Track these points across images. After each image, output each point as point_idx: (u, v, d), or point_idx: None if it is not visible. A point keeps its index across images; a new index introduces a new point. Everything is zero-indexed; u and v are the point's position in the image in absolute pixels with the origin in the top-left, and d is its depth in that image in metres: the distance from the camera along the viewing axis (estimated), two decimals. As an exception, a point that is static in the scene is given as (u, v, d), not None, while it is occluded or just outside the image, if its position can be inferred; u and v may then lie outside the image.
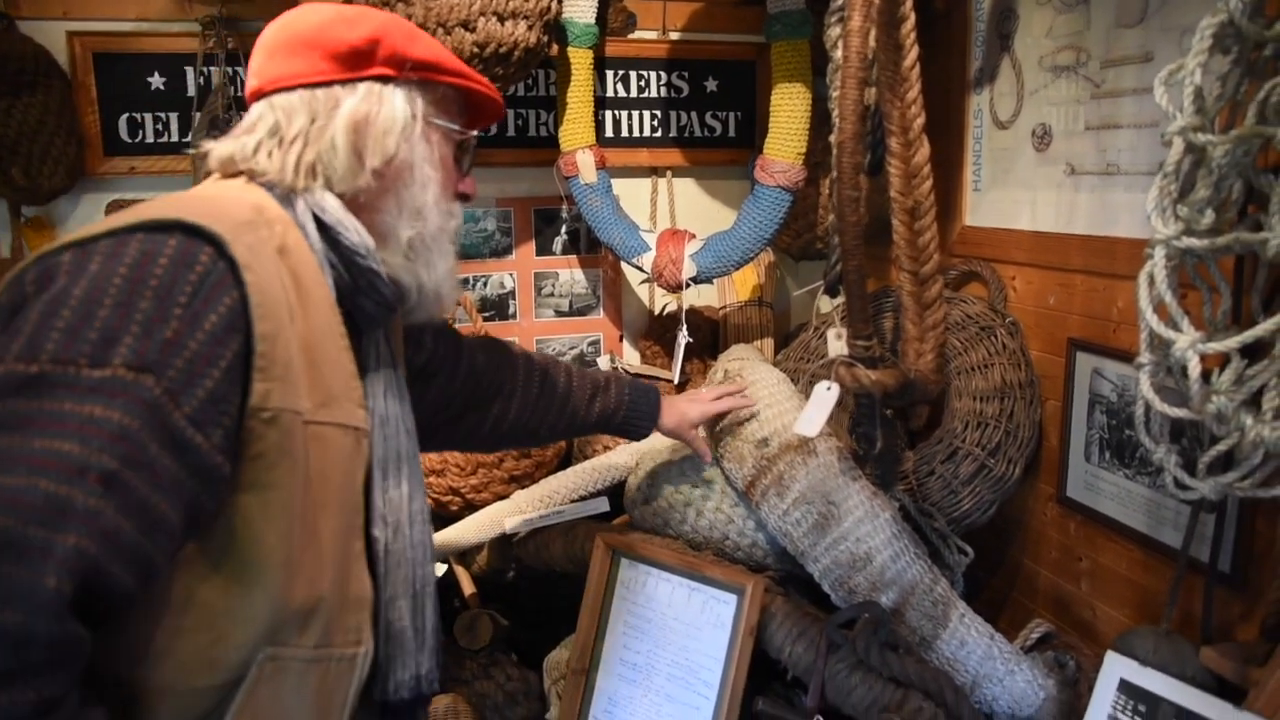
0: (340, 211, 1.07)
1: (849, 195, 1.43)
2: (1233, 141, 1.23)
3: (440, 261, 1.18)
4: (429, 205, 1.15)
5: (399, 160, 1.11)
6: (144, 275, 0.86)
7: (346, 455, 1.03)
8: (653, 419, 1.73)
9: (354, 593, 1.06)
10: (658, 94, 2.59)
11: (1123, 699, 1.49)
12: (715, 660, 1.69)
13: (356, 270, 1.08)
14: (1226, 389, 1.26)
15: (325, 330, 1.02)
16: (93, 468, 0.78)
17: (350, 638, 1.05)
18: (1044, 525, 2.01)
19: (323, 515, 0.99)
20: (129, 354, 0.83)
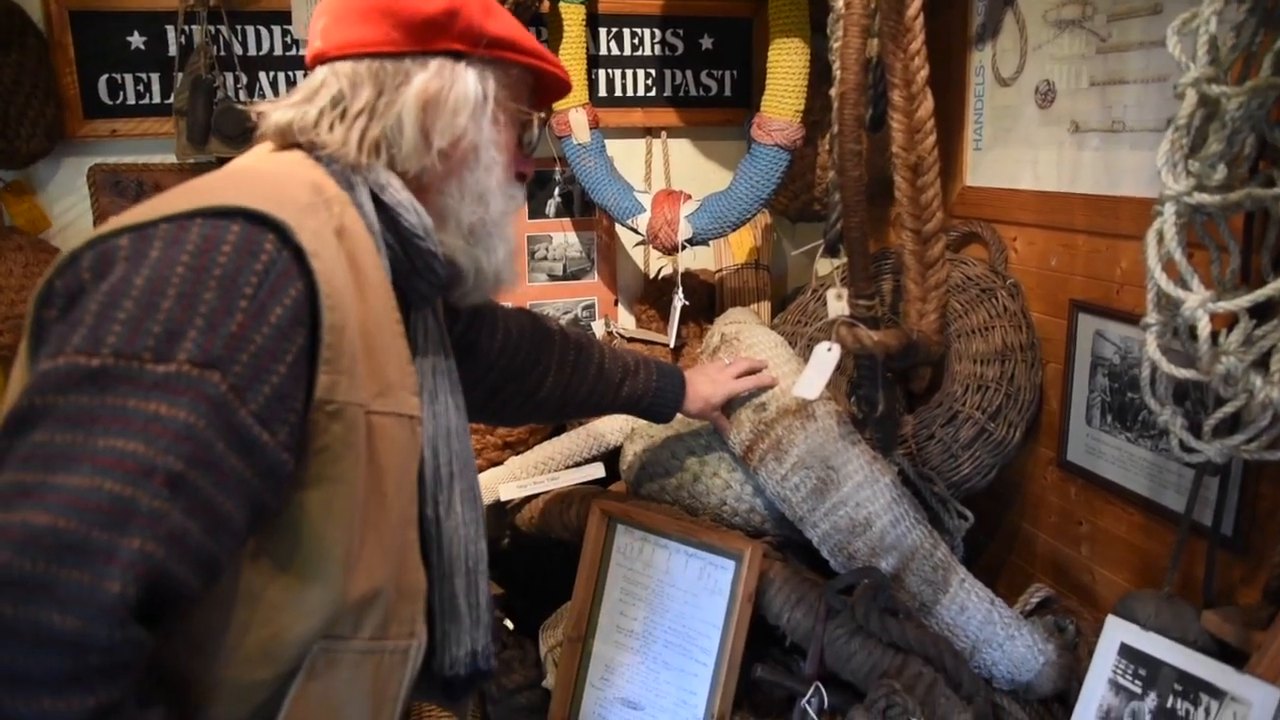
0: (401, 191, 1.04)
1: (851, 149, 1.39)
2: (1248, 93, 1.19)
3: (501, 245, 1.15)
4: (492, 189, 1.11)
5: (466, 142, 1.08)
6: (207, 264, 0.83)
7: (403, 445, 1.01)
8: (678, 404, 1.71)
9: (409, 583, 1.05)
10: (652, 52, 2.53)
11: (1123, 663, 1.48)
12: (713, 627, 1.67)
13: (414, 251, 1.05)
14: (1235, 349, 1.23)
15: (382, 316, 0.99)
16: (159, 468, 0.76)
17: (405, 629, 1.04)
18: (1044, 489, 2.00)
19: (382, 507, 0.97)
20: (194, 349, 0.80)
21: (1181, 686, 1.41)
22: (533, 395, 1.54)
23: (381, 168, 1.03)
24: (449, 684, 1.17)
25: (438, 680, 1.16)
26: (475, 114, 1.07)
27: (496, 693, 1.91)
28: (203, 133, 2.20)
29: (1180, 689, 1.41)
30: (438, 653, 1.14)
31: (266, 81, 2.31)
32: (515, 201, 1.17)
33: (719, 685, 1.63)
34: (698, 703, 1.66)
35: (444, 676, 1.15)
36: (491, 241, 1.13)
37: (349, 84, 1.04)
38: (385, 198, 1.02)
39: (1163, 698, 1.42)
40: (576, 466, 2.07)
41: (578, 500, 1.91)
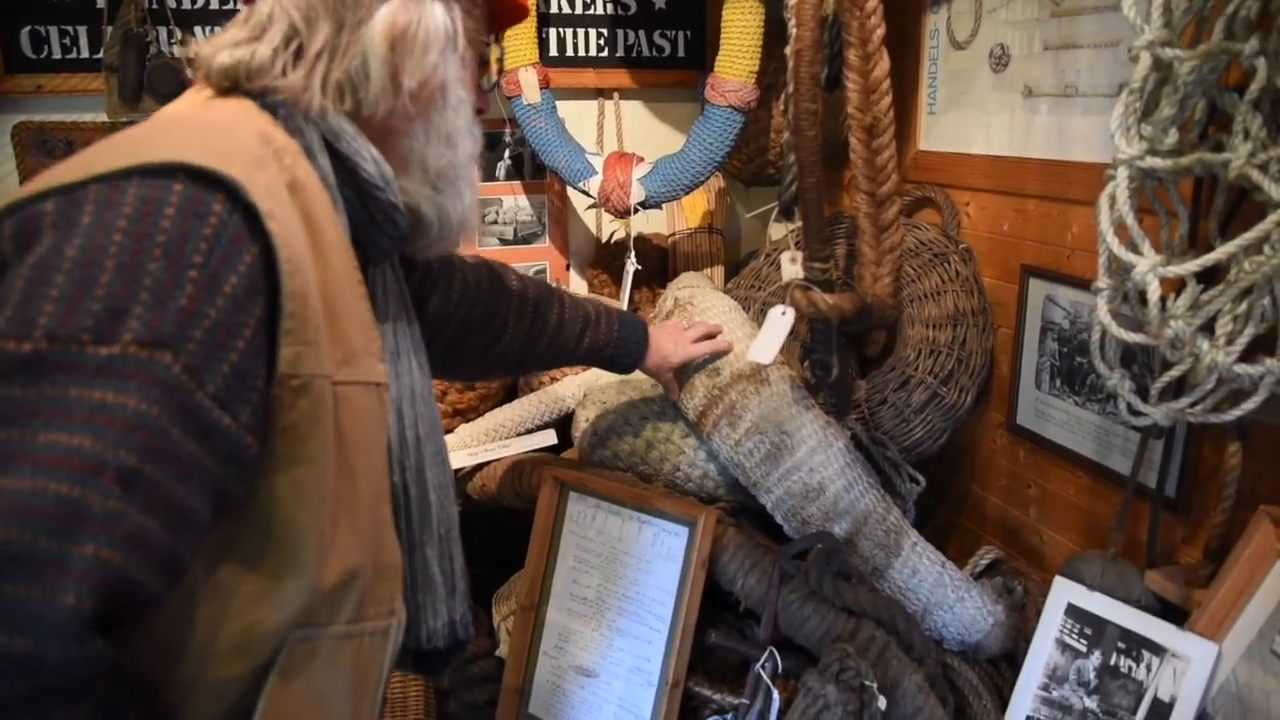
0: (356, 138, 0.94)
1: (806, 108, 1.37)
2: (1200, 57, 1.19)
3: (467, 190, 1.07)
4: (461, 130, 1.03)
5: (435, 81, 0.98)
6: (148, 230, 0.74)
7: (372, 414, 0.94)
8: (640, 354, 1.66)
9: (386, 560, 0.98)
10: (604, 11, 2.48)
11: (1070, 623, 1.51)
12: (667, 594, 1.67)
13: (373, 204, 0.96)
14: (1183, 314, 1.24)
15: (343, 277, 0.91)
16: (109, 464, 0.68)
17: (383, 609, 0.98)
18: (993, 453, 2.02)
19: (353, 484, 0.90)
20: (140, 327, 0.71)
21: (1125, 644, 1.44)
22: (491, 348, 1.48)
23: (336, 113, 0.94)
24: (427, 657, 1.12)
25: (414, 654, 1.11)
26: (445, 50, 0.98)
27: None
28: (135, 90, 2.11)
29: (1124, 647, 1.44)
30: (414, 626, 1.09)
31: (203, 36, 2.21)
32: (478, 140, 1.09)
33: (673, 651, 1.63)
34: (652, 669, 1.66)
35: (421, 650, 1.10)
36: (459, 186, 1.05)
37: (302, 18, 0.93)
38: (341, 147, 0.93)
39: (1107, 655, 1.45)
40: (528, 433, 2.05)
41: (529, 468, 1.89)
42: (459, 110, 1.02)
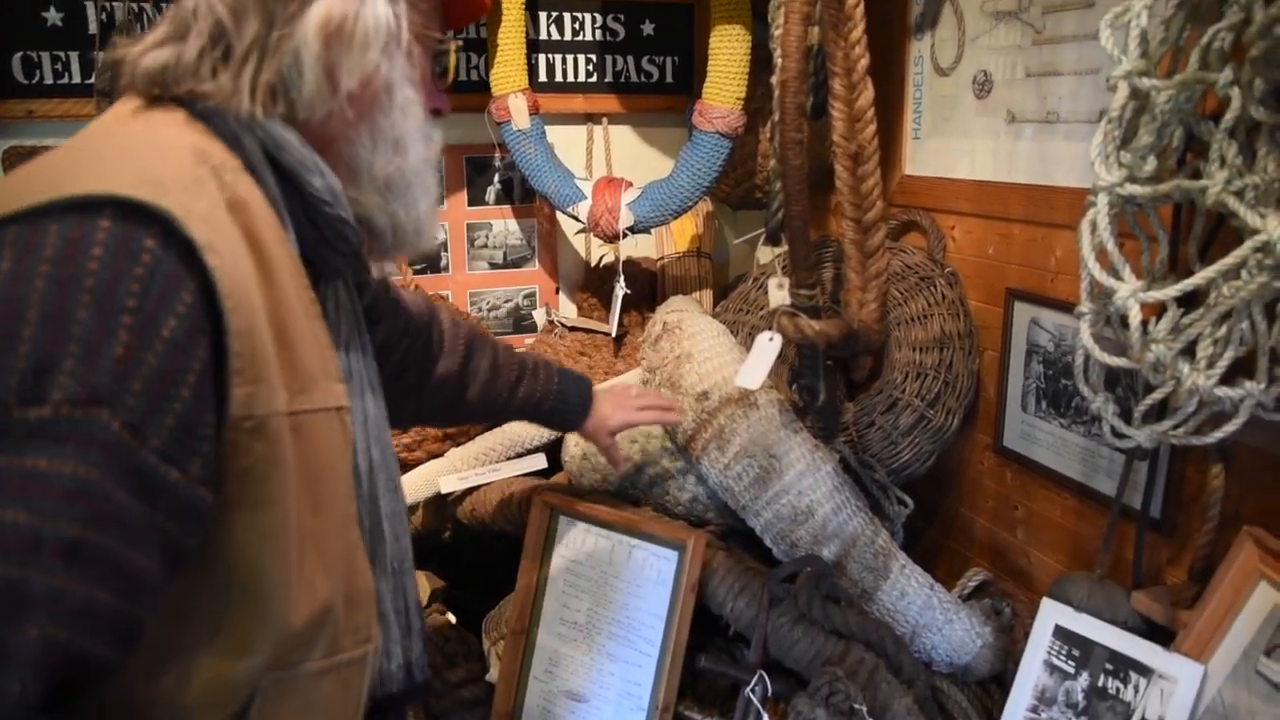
0: (300, 150, 0.87)
1: (793, 138, 1.39)
2: (1176, 87, 1.21)
3: (422, 198, 0.98)
4: (410, 134, 0.94)
5: (378, 81, 0.90)
6: (74, 274, 0.67)
7: (335, 441, 0.88)
8: (583, 411, 1.56)
9: (358, 588, 0.93)
10: (593, 37, 2.51)
11: (1057, 644, 1.51)
12: (657, 617, 1.67)
13: (322, 220, 0.89)
14: (1164, 338, 1.26)
15: (294, 299, 0.83)
16: (47, 539, 0.62)
17: (360, 637, 0.93)
18: (981, 475, 2.03)
19: (319, 516, 0.84)
20: (72, 384, 0.65)
21: (1112, 666, 1.45)
22: (423, 383, 1.38)
23: (277, 122, 0.86)
24: (380, 706, 1.03)
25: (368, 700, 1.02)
26: (388, 47, 0.89)
27: (440, 687, 1.89)
28: (125, 115, 2.12)
29: (1111, 668, 1.45)
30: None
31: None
32: (434, 144, 1.01)
33: (663, 675, 1.63)
34: (642, 693, 1.66)
35: (374, 697, 1.01)
36: (412, 194, 0.97)
37: (229, 14, 0.84)
38: (284, 160, 0.86)
39: (1095, 677, 1.46)
40: (518, 458, 2.05)
41: (520, 492, 1.89)
42: (407, 112, 0.94)
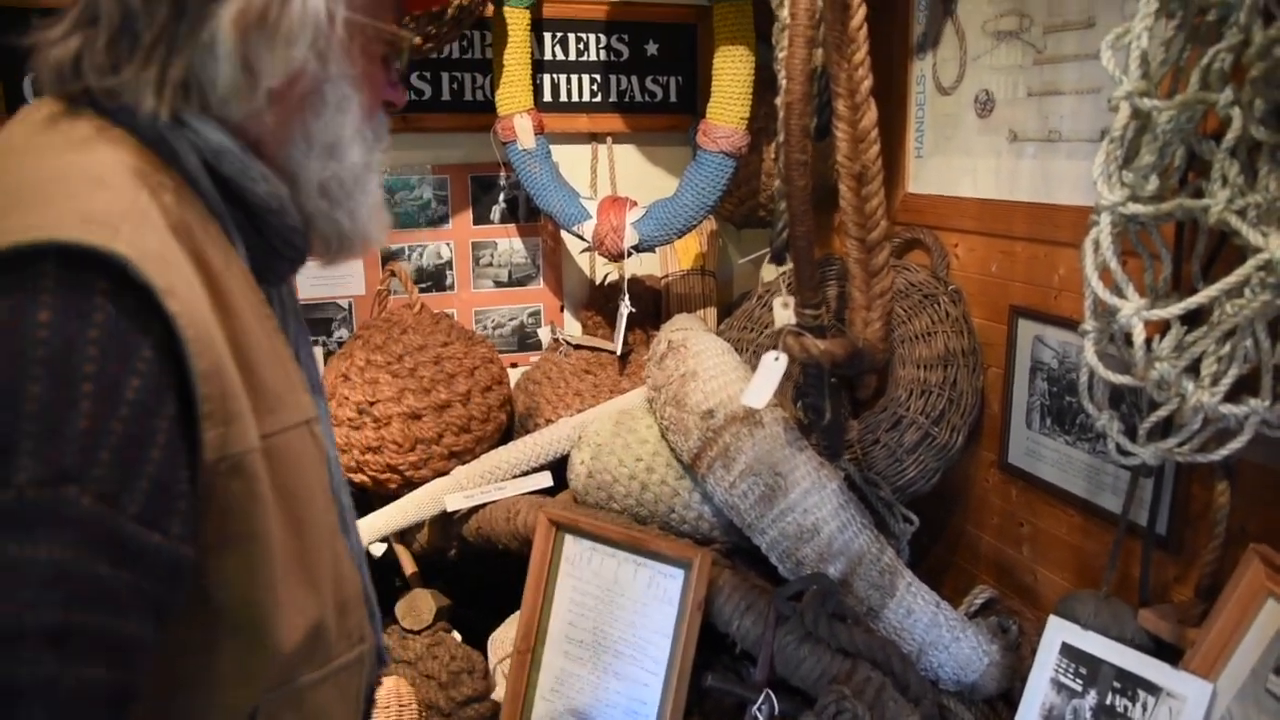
0: (241, 156, 0.80)
1: (797, 159, 1.40)
2: (1177, 107, 1.22)
3: (364, 202, 0.91)
4: (347, 137, 0.87)
5: (307, 79, 0.82)
6: (21, 347, 0.61)
7: (308, 455, 0.85)
8: None
9: (348, 594, 0.91)
10: (597, 57, 2.53)
11: (1064, 662, 1.51)
12: (663, 636, 1.67)
13: (270, 230, 0.84)
14: (1168, 355, 1.26)
15: (251, 318, 0.79)
16: (29, 628, 0.59)
17: (353, 639, 0.91)
18: (986, 492, 2.03)
19: (302, 535, 0.82)
20: (34, 465, 0.60)
21: (1120, 684, 1.44)
22: None
23: (211, 125, 0.78)
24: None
25: None
26: (318, 42, 0.80)
27: (447, 705, 1.89)
28: (134, 136, 2.14)
29: (1119, 686, 1.44)
30: None
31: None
32: (379, 144, 0.93)
33: (669, 694, 1.63)
34: (649, 712, 1.66)
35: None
36: (353, 201, 0.90)
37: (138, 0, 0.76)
38: (224, 169, 0.79)
39: (1102, 695, 1.46)
40: (523, 476, 2.05)
41: (525, 509, 1.90)
42: (343, 112, 0.86)
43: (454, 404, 2.07)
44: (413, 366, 2.07)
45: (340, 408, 2.06)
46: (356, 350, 2.11)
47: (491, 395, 2.16)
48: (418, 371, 2.07)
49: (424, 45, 1.94)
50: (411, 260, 2.50)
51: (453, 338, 2.18)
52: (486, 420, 2.14)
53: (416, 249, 2.50)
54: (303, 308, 1.01)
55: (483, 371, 2.16)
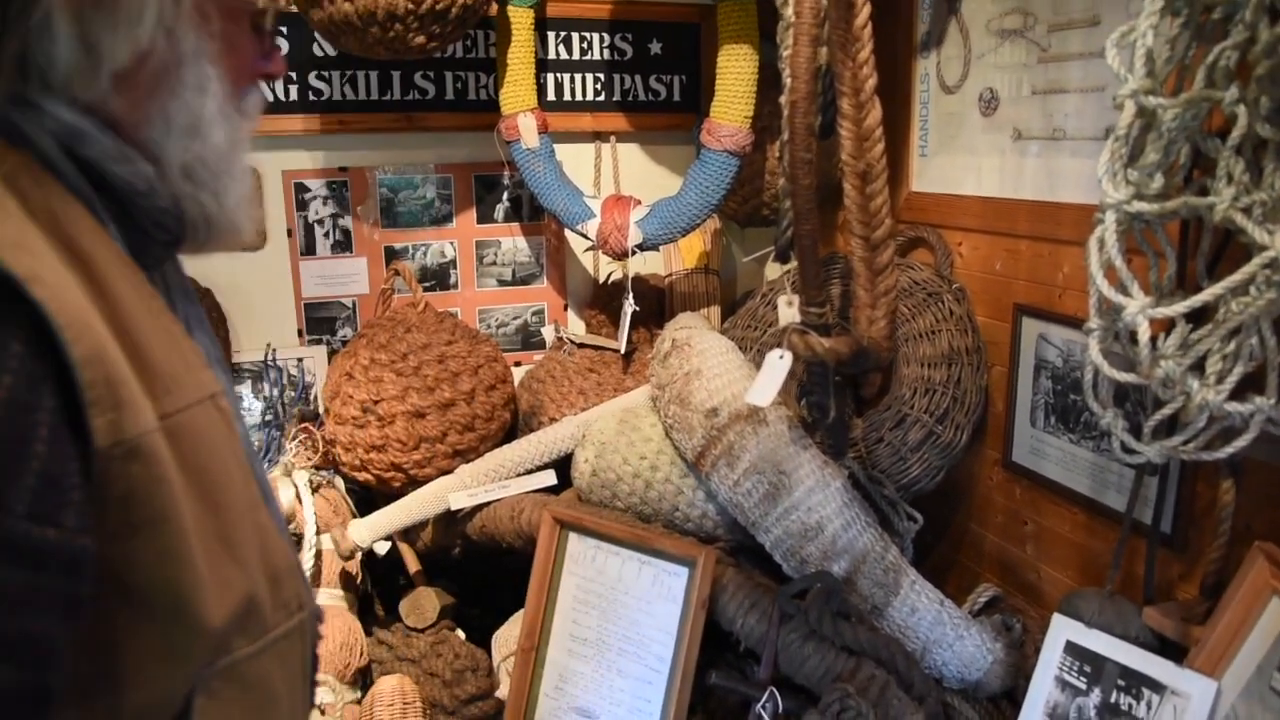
0: (99, 137, 0.76)
1: (802, 158, 1.40)
2: (1182, 105, 1.22)
3: (233, 186, 0.87)
4: (208, 117, 0.83)
5: (157, 57, 0.78)
6: None
7: (216, 429, 0.82)
8: None
9: (278, 564, 0.89)
10: (600, 56, 2.53)
11: (1069, 660, 1.51)
12: (667, 634, 1.67)
13: (139, 212, 0.81)
14: (1173, 354, 1.26)
15: (134, 304, 0.76)
16: None
17: (290, 609, 0.90)
18: (990, 490, 2.03)
19: (219, 512, 0.80)
20: None
21: (1125, 682, 1.44)
22: None
23: (62, 105, 0.75)
24: None
25: None
26: (164, 19, 0.76)
27: (450, 703, 1.89)
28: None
29: (1123, 684, 1.44)
30: None
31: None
32: (247, 123, 0.88)
33: (673, 692, 1.63)
34: (653, 710, 1.66)
35: None
36: (219, 183, 0.86)
37: None
38: (84, 151, 0.76)
39: (1107, 693, 1.46)
40: (528, 474, 2.06)
41: (529, 508, 1.90)
42: (204, 91, 0.82)
43: (458, 402, 2.08)
44: (417, 365, 2.07)
45: (345, 406, 2.06)
46: (361, 349, 2.11)
47: (495, 394, 2.16)
48: (422, 370, 2.07)
49: (427, 44, 1.94)
50: (415, 259, 2.50)
51: (457, 336, 2.18)
52: (490, 419, 2.15)
53: (420, 248, 2.51)
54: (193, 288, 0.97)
55: (487, 370, 2.16)
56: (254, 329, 2.40)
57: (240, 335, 2.39)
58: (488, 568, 2.19)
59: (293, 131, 2.33)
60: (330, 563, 2.01)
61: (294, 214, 2.39)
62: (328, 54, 2.32)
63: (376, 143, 2.42)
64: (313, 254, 2.42)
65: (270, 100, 2.30)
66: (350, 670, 1.91)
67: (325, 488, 2.12)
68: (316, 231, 2.42)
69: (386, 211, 2.46)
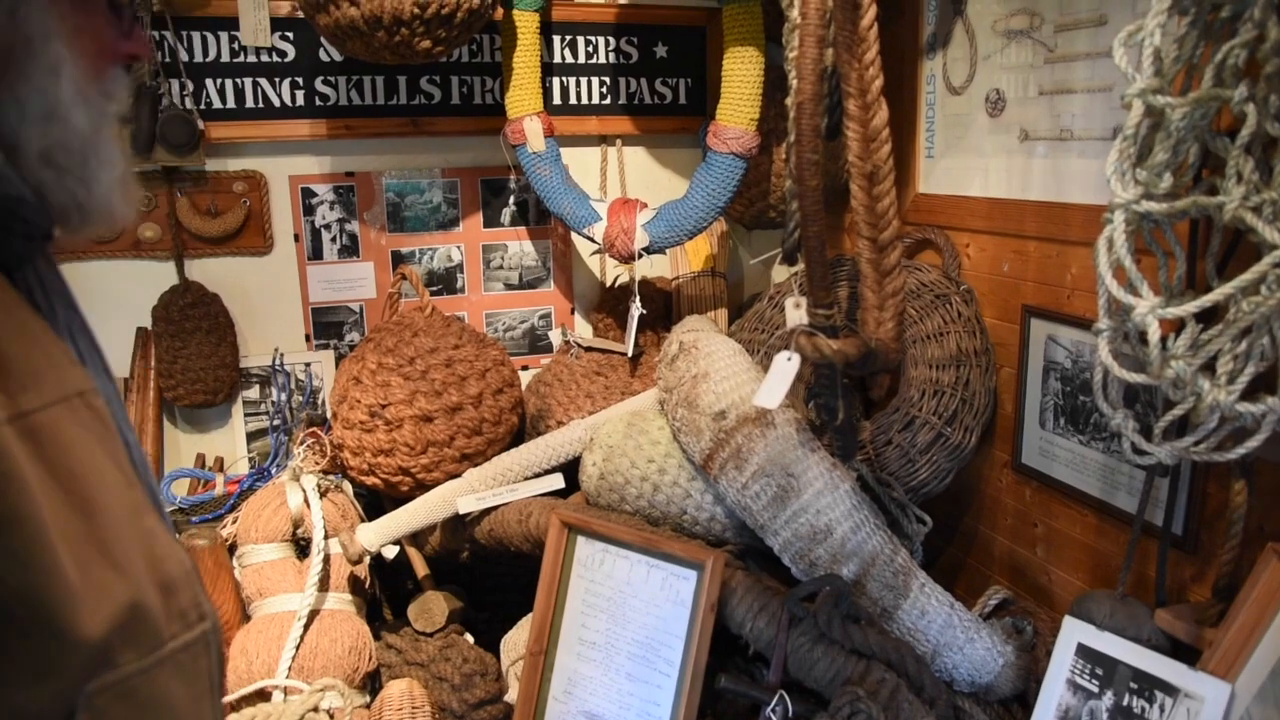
0: None
1: (809, 159, 1.40)
2: (1191, 104, 1.22)
3: (103, 171, 0.83)
4: (65, 100, 0.79)
5: (3, 40, 0.75)
6: None
7: (89, 427, 0.78)
8: None
9: (170, 571, 0.83)
10: (606, 60, 2.53)
11: (1080, 663, 1.50)
12: (676, 638, 1.66)
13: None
14: (1183, 354, 1.26)
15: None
16: None
17: (188, 619, 0.84)
18: (999, 492, 2.02)
19: (95, 514, 0.76)
20: None
21: (1137, 685, 1.43)
22: None
23: None
24: None
25: None
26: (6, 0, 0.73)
27: (459, 708, 1.89)
28: (148, 141, 2.15)
29: (1136, 687, 1.43)
30: None
31: (214, 89, 2.26)
32: (112, 102, 0.84)
33: (683, 696, 1.62)
34: (662, 714, 1.65)
35: None
36: (86, 169, 0.82)
37: None
38: None
39: (1119, 696, 1.45)
40: (535, 478, 2.05)
41: (537, 511, 1.90)
42: (59, 74, 0.79)
43: (466, 406, 2.08)
44: (424, 369, 2.07)
45: (352, 410, 2.06)
46: (368, 353, 2.12)
47: (503, 398, 2.16)
48: (429, 374, 2.07)
49: (434, 49, 1.95)
50: (422, 263, 2.51)
51: (464, 340, 2.18)
52: (498, 423, 2.15)
53: (427, 252, 2.51)
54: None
55: (494, 374, 2.16)
56: (261, 334, 2.41)
57: (248, 340, 2.39)
58: (496, 571, 2.19)
59: (299, 137, 2.34)
60: (338, 567, 2.01)
61: (301, 219, 2.39)
62: (334, 59, 2.33)
63: (383, 147, 2.42)
64: (320, 259, 2.43)
65: (277, 105, 2.31)
66: (358, 675, 1.90)
67: (333, 492, 2.12)
68: (323, 236, 2.42)
69: (393, 216, 2.47)
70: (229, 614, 1.96)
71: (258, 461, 2.41)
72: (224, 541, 2.04)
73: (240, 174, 2.32)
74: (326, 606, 1.96)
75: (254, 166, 2.33)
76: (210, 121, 2.25)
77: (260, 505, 2.03)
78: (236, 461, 2.41)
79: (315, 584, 1.93)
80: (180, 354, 2.25)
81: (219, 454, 2.39)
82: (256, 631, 1.88)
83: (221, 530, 2.07)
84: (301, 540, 2.05)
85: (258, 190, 2.34)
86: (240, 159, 2.32)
